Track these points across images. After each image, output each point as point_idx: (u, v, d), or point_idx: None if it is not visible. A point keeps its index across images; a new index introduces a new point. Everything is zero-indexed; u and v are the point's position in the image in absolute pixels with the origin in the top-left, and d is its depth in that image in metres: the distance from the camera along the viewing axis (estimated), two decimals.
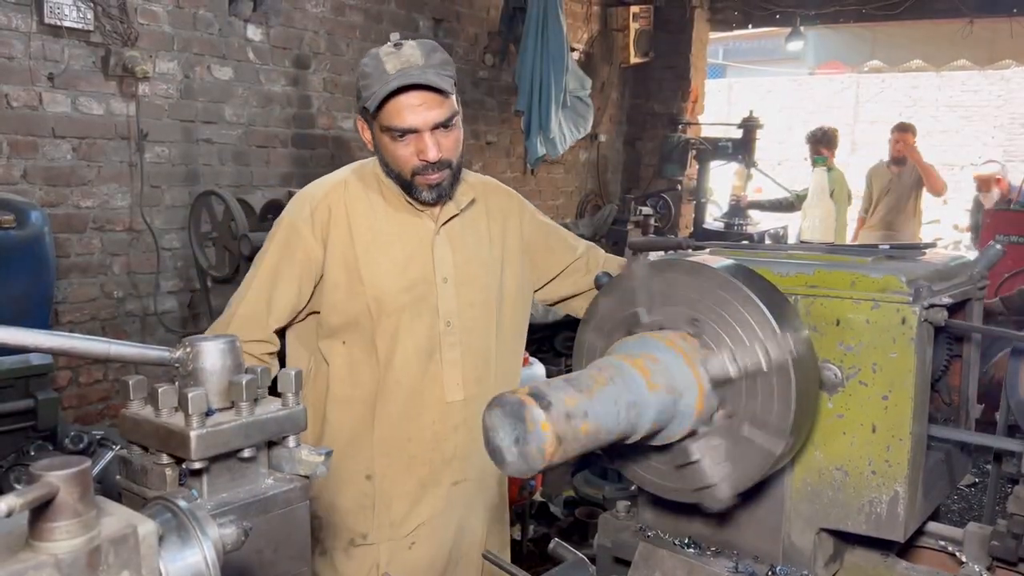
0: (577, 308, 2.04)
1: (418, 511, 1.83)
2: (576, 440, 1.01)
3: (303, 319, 1.84)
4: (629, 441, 1.14)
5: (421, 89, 1.67)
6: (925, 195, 7.05)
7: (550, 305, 2.13)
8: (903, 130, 6.93)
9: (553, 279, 2.04)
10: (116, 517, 0.58)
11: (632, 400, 1.08)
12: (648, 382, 1.10)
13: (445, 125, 1.71)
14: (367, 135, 1.81)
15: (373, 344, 1.77)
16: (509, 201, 1.99)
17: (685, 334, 1.20)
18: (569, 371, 1.21)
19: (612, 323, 1.30)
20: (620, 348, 1.21)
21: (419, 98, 1.68)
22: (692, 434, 1.19)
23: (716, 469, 1.18)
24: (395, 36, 1.75)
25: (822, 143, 6.57)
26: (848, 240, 6.63)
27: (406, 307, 1.77)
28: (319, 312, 1.81)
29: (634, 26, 7.38)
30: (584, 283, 2.02)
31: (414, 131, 1.69)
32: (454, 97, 1.74)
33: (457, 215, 1.84)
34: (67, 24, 3.67)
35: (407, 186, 1.76)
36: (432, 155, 1.69)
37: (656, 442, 1.18)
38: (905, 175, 6.91)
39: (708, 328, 1.18)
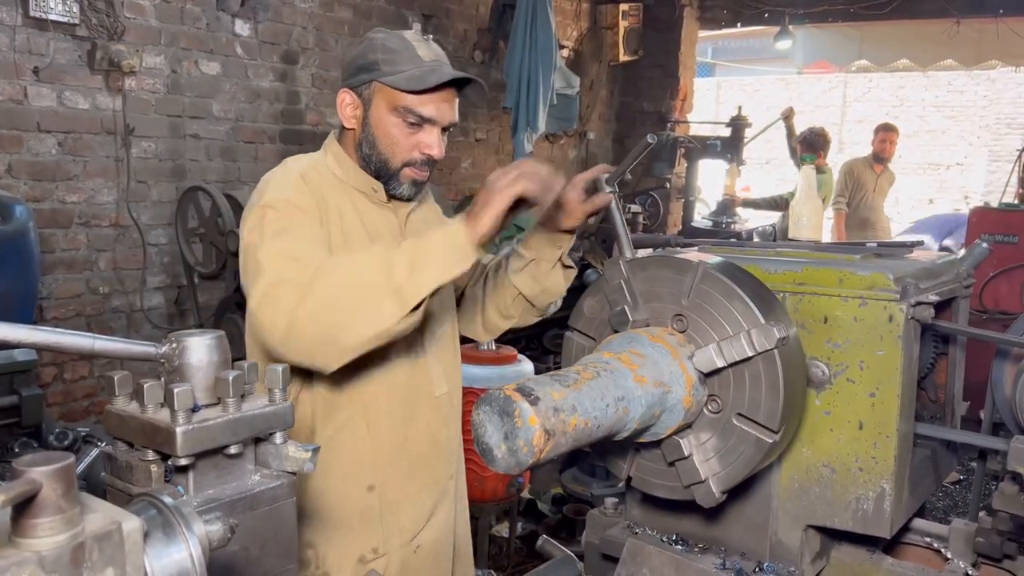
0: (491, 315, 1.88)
1: (424, 512, 1.79)
2: (565, 435, 1.01)
3: None
4: (619, 437, 1.14)
5: (455, 86, 1.68)
6: (907, 194, 7.10)
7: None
8: (888, 129, 7.03)
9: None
10: (100, 513, 0.57)
11: (620, 395, 1.08)
12: (635, 375, 1.11)
13: (447, 128, 1.72)
14: (353, 111, 1.69)
15: (366, 355, 1.66)
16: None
17: (671, 329, 1.21)
18: (558, 368, 1.21)
19: (597, 323, 1.31)
20: (607, 346, 1.22)
21: (451, 94, 1.68)
22: (683, 428, 1.19)
23: (706, 465, 1.18)
24: (417, 25, 1.72)
25: (818, 146, 6.59)
26: (833, 237, 6.67)
27: None
28: None
29: (623, 24, 7.39)
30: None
31: (431, 122, 1.66)
32: None
33: (417, 207, 1.81)
34: (52, 17, 3.64)
35: (388, 175, 1.69)
36: (437, 152, 1.68)
37: (647, 438, 1.18)
38: (884, 173, 7.03)
39: (693, 322, 1.19)
